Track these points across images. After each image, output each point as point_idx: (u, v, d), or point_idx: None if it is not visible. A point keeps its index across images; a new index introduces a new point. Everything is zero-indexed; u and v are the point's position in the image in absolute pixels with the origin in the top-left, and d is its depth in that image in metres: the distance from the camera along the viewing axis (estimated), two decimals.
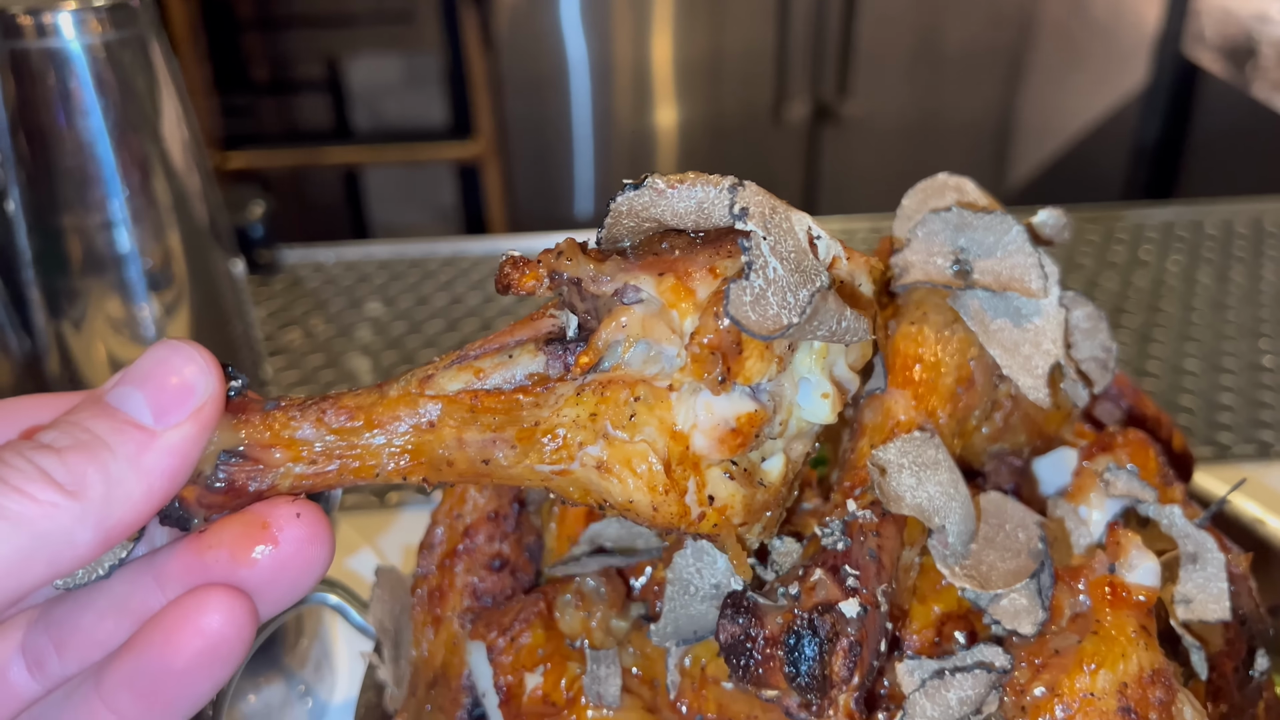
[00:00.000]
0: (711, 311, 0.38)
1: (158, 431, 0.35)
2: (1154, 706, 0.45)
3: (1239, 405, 1.11)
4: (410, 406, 0.39)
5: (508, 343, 0.42)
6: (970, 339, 0.54)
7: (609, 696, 0.53)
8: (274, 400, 0.39)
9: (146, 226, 1.01)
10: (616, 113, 2.97)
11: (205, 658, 0.35)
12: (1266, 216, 1.48)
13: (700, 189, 0.41)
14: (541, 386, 0.40)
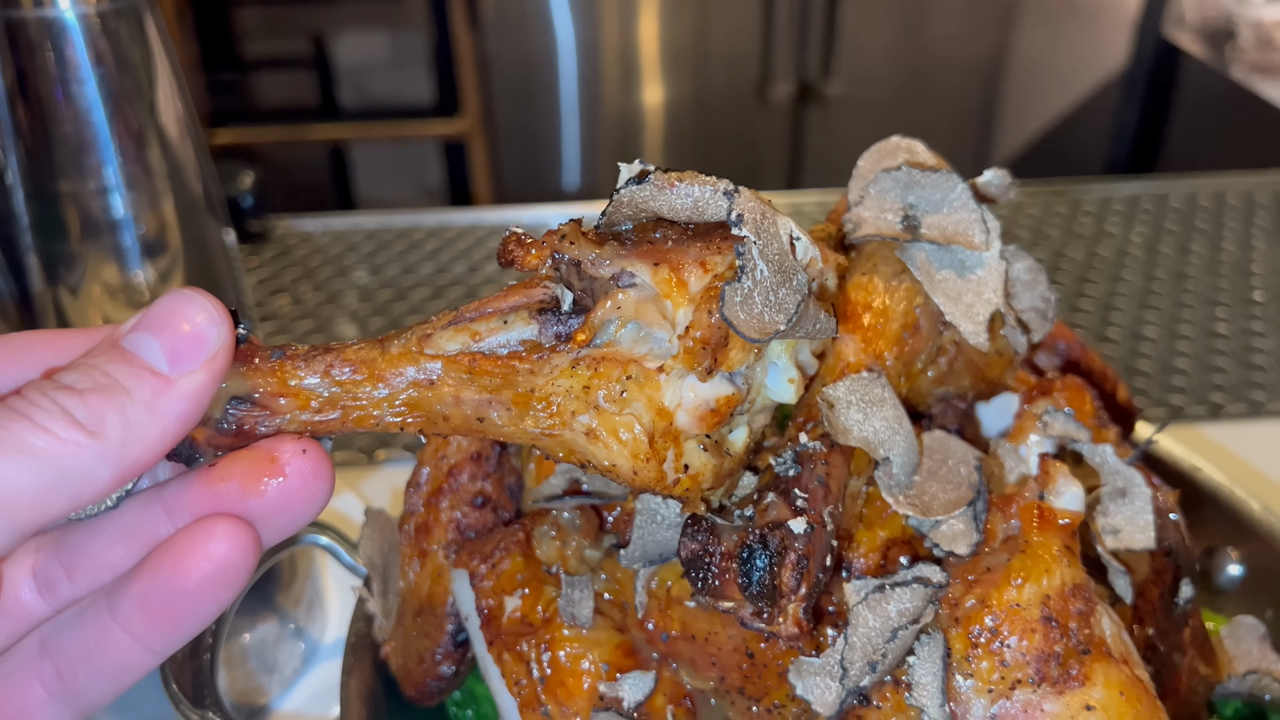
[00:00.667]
0: (705, 309, 0.42)
1: (172, 379, 0.36)
2: (1073, 616, 0.49)
3: (1193, 369, 1.16)
4: (411, 364, 0.42)
5: (502, 307, 0.44)
6: (916, 288, 0.58)
7: (582, 617, 0.58)
8: (279, 349, 0.41)
9: (141, 194, 1.05)
10: (604, 91, 3.00)
11: (213, 581, 0.37)
12: (1230, 191, 1.53)
13: (698, 189, 0.44)
14: (537, 355, 0.43)
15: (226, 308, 0.39)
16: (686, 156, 3.19)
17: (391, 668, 0.66)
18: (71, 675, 0.38)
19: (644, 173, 0.45)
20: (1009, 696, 0.48)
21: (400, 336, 0.43)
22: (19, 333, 0.40)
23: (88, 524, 0.39)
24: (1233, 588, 0.77)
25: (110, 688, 0.39)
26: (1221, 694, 0.68)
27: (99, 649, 0.38)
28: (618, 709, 0.56)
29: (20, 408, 0.33)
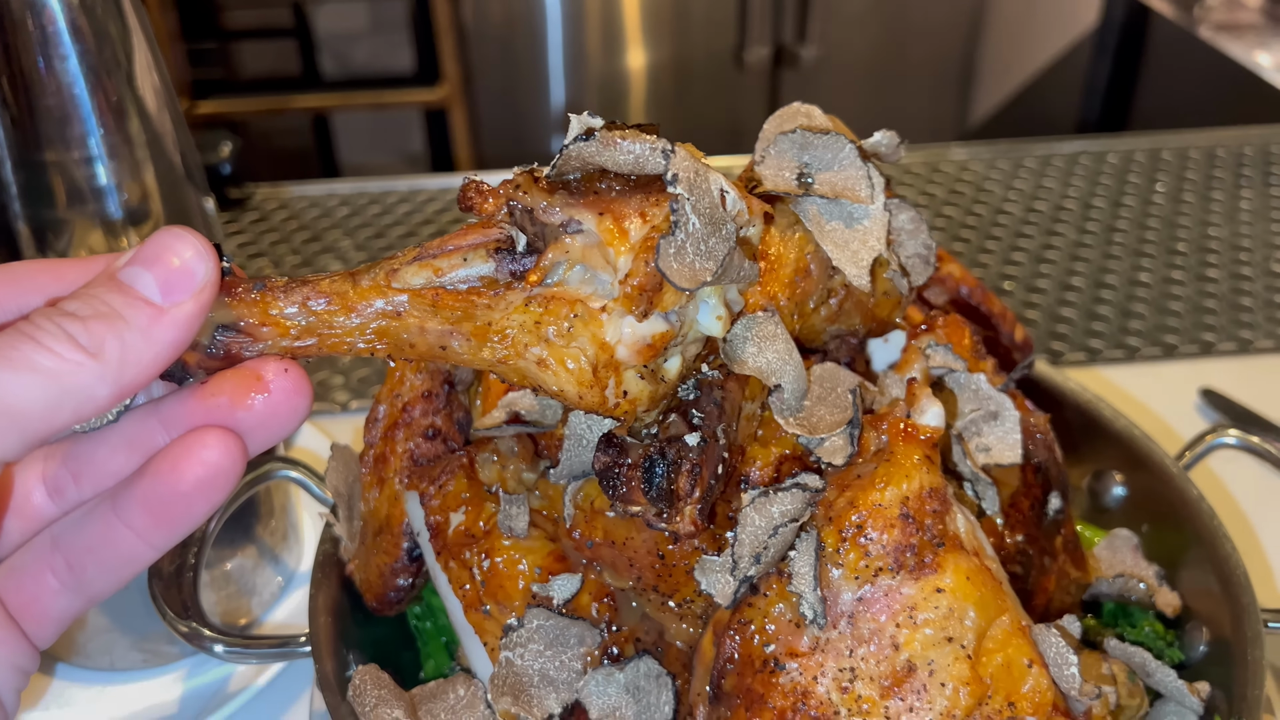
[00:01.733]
0: (643, 258, 0.48)
1: (165, 308, 0.40)
2: (929, 514, 0.58)
3: (1113, 316, 1.24)
4: (380, 296, 0.47)
5: (462, 245, 0.49)
6: (808, 238, 0.66)
7: (518, 529, 0.66)
8: (260, 281, 0.45)
9: (123, 163, 1.12)
10: (588, 56, 3.05)
11: (205, 484, 0.41)
12: (1165, 147, 1.60)
13: (638, 146, 0.50)
14: (493, 291, 0.49)
15: (212, 244, 0.42)
16: (668, 121, 3.24)
17: (356, 582, 0.74)
18: (80, 567, 0.43)
19: (590, 130, 0.51)
20: (872, 582, 0.57)
21: (370, 271, 0.47)
22: (20, 262, 0.44)
23: (92, 435, 0.43)
24: (1117, 506, 0.85)
25: (115, 579, 0.43)
26: (1095, 595, 0.77)
27: (105, 543, 0.42)
28: (548, 606, 0.64)
29: (29, 331, 0.37)
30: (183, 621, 0.70)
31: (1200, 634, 0.74)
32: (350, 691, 0.65)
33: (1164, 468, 0.81)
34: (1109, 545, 0.80)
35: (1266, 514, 0.90)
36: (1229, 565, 0.73)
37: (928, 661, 0.56)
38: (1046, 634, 0.57)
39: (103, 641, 0.80)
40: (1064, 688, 0.56)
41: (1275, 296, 1.26)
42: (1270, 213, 1.43)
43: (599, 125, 0.51)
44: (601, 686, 0.64)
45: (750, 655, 0.59)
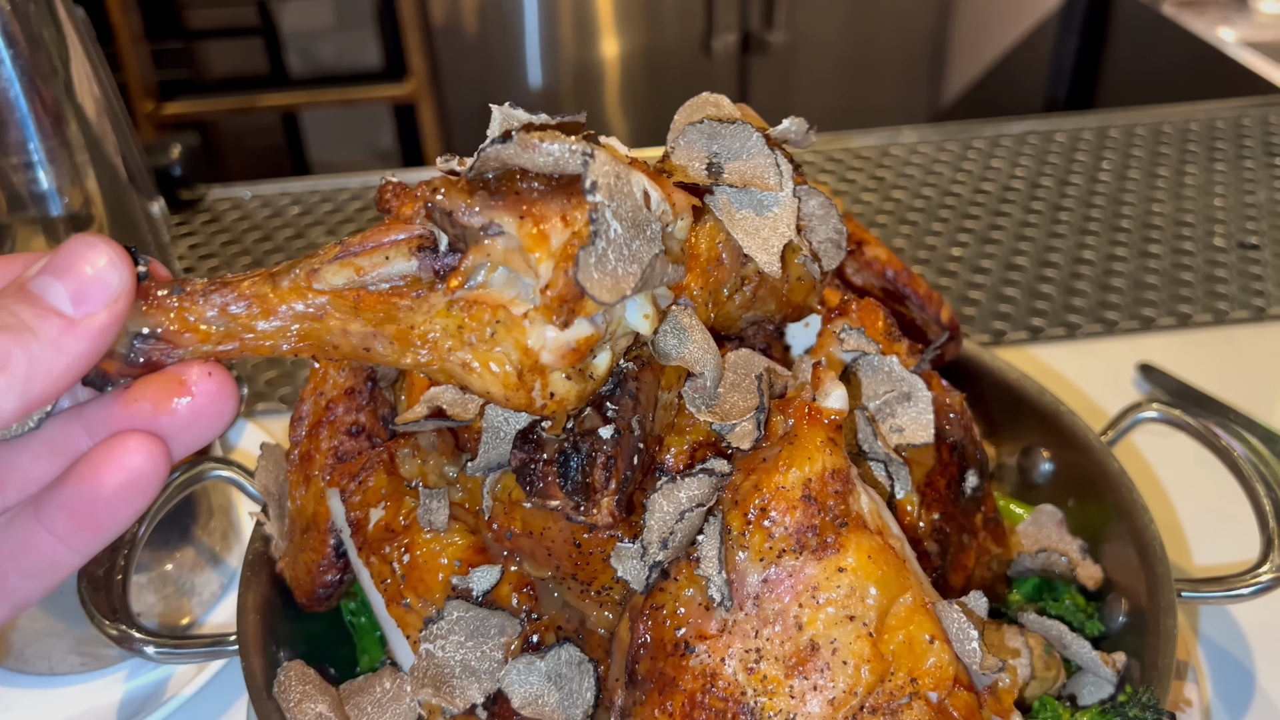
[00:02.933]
0: (563, 268, 0.48)
1: (76, 320, 0.39)
2: (831, 495, 0.59)
3: (1056, 294, 1.25)
4: (300, 299, 0.47)
5: (383, 242, 0.49)
6: (719, 227, 0.67)
7: (438, 523, 0.67)
8: (178, 284, 0.44)
9: (63, 168, 1.12)
10: (561, 46, 3.05)
11: (128, 488, 0.41)
12: (1112, 124, 1.61)
13: (558, 147, 0.49)
14: (415, 292, 0.49)
15: (126, 249, 0.42)
16: (641, 110, 3.24)
17: (286, 580, 0.75)
18: (3, 574, 0.42)
19: (507, 133, 0.50)
20: (776, 563, 0.58)
21: (290, 270, 0.46)
22: None
23: (13, 442, 0.43)
24: (1045, 482, 0.86)
25: (39, 585, 0.43)
26: (1019, 571, 0.78)
27: (28, 549, 0.42)
28: (467, 597, 0.65)
29: None
30: (112, 624, 0.70)
31: (1120, 605, 0.75)
32: (275, 688, 0.66)
33: (1088, 443, 0.82)
34: (1034, 521, 0.81)
35: (1187, 486, 0.91)
36: (1146, 537, 0.74)
37: (830, 640, 0.57)
38: (949, 610, 0.58)
39: (40, 646, 0.80)
40: (966, 662, 0.58)
41: (1215, 271, 1.27)
42: (1213, 187, 1.44)
43: (519, 124, 0.50)
44: (523, 675, 0.65)
45: (662, 639, 0.60)
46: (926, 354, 0.72)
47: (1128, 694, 0.66)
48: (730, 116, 0.69)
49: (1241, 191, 1.43)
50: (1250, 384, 1.04)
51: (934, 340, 0.78)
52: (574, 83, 3.13)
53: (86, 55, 1.15)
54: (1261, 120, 1.60)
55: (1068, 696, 0.68)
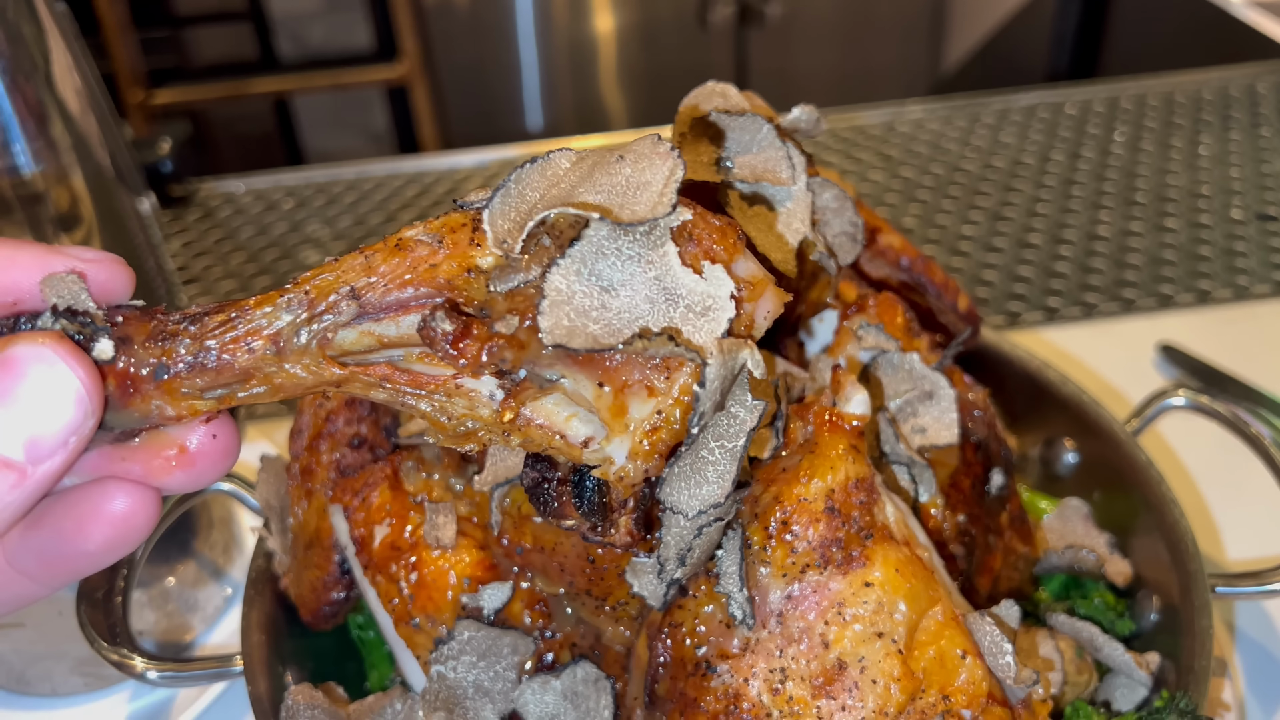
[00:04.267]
0: (642, 465, 0.45)
1: (26, 470, 0.35)
2: (855, 506, 0.56)
3: (1071, 272, 1.22)
4: (314, 376, 0.42)
5: (407, 304, 0.42)
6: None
7: (445, 539, 0.64)
8: (161, 364, 0.39)
9: (49, 168, 1.09)
10: (554, 21, 3.00)
11: (113, 542, 0.38)
12: (1123, 94, 1.57)
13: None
14: (455, 381, 0.43)
15: (91, 321, 0.37)
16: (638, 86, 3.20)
17: (290, 597, 0.72)
18: None
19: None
20: (800, 579, 0.55)
21: (296, 333, 0.41)
22: None
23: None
24: (1069, 474, 0.84)
25: (2, 610, 0.40)
26: (1046, 569, 0.76)
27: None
28: (478, 616, 0.63)
29: None
30: (112, 648, 0.68)
31: (1151, 602, 0.73)
32: (282, 713, 0.64)
33: (1113, 433, 0.80)
34: (1059, 516, 0.79)
35: (1217, 475, 0.89)
36: (1177, 532, 0.71)
37: (858, 659, 0.54)
38: (981, 623, 0.56)
39: (42, 667, 0.78)
40: (1000, 676, 0.55)
41: (1234, 245, 1.24)
42: (1229, 157, 1.41)
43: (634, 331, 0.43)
44: (538, 695, 0.62)
45: (682, 658, 0.57)
46: (949, 350, 0.69)
47: (1164, 699, 0.64)
48: (738, 107, 0.66)
49: (1258, 161, 1.39)
50: (1274, 362, 1.01)
51: (957, 335, 0.75)
52: (569, 59, 3.08)
53: (69, 50, 1.12)
54: (1276, 86, 1.56)
55: (1101, 702, 0.66)
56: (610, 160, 0.44)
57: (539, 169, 0.44)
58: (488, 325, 0.43)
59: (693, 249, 0.43)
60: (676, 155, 0.44)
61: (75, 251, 0.39)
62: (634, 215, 0.42)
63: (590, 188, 0.43)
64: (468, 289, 0.43)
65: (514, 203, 0.44)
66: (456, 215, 0.44)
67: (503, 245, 0.43)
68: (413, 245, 0.43)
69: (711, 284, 0.42)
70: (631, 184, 0.43)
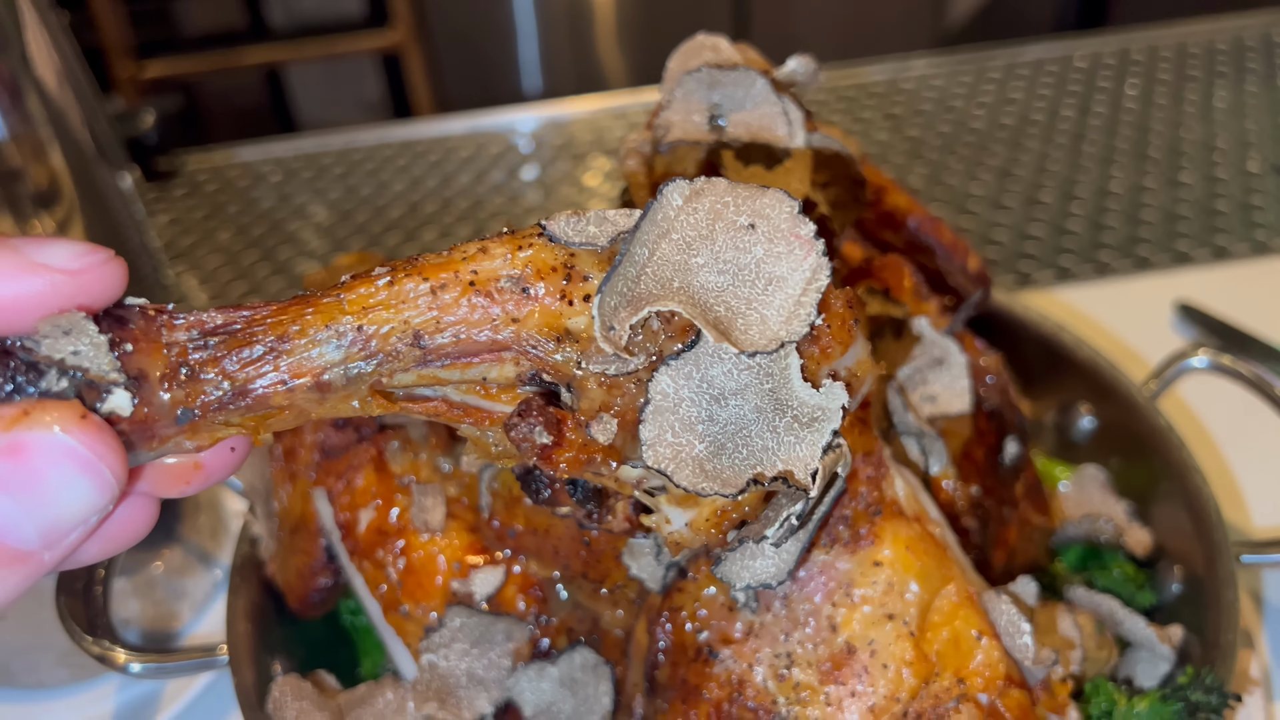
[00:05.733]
0: (701, 542, 0.43)
1: (44, 559, 0.32)
2: (863, 480, 0.53)
3: (1083, 230, 1.18)
4: (359, 410, 0.38)
5: (480, 347, 0.38)
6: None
7: (434, 522, 0.61)
8: (186, 411, 0.36)
9: (25, 145, 1.05)
10: None
11: (106, 550, 0.37)
12: (1134, 45, 1.52)
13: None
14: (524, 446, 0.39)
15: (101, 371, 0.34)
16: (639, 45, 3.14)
17: (277, 584, 0.70)
18: None
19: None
20: (806, 559, 0.52)
21: (345, 374, 0.37)
22: None
23: None
24: (1086, 440, 0.81)
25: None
26: (1062, 540, 0.73)
27: None
28: (469, 603, 0.60)
29: None
30: (94, 641, 0.65)
31: (1173, 573, 0.70)
32: (269, 705, 0.61)
33: (1130, 397, 0.76)
34: (1076, 484, 0.76)
35: (1242, 439, 0.86)
36: (1199, 499, 0.68)
37: (868, 642, 0.51)
38: (996, 601, 0.53)
39: (26, 659, 0.76)
40: (1017, 657, 0.52)
41: (1251, 199, 1.20)
42: (1244, 109, 1.36)
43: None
44: (534, 683, 0.60)
45: (683, 643, 0.55)
46: (960, 313, 0.66)
47: (1189, 675, 0.61)
48: (730, 61, 0.63)
49: (1275, 113, 1.35)
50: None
51: (967, 298, 0.72)
52: (568, 20, 3.02)
53: (43, 23, 1.08)
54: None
55: (1123, 679, 0.63)
56: (738, 225, 0.39)
57: (649, 219, 0.38)
58: (581, 427, 0.39)
59: (813, 351, 0.40)
60: (820, 249, 0.39)
61: (57, 255, 0.34)
62: (764, 338, 0.38)
63: (713, 260, 0.38)
64: (555, 357, 0.39)
65: (626, 280, 0.38)
66: (546, 252, 0.39)
67: (608, 333, 0.38)
68: (492, 288, 0.38)
69: (826, 397, 0.39)
70: (763, 274, 0.38)
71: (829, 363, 0.41)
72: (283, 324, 0.37)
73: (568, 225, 0.40)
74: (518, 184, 1.33)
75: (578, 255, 0.39)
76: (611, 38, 3.11)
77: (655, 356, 0.39)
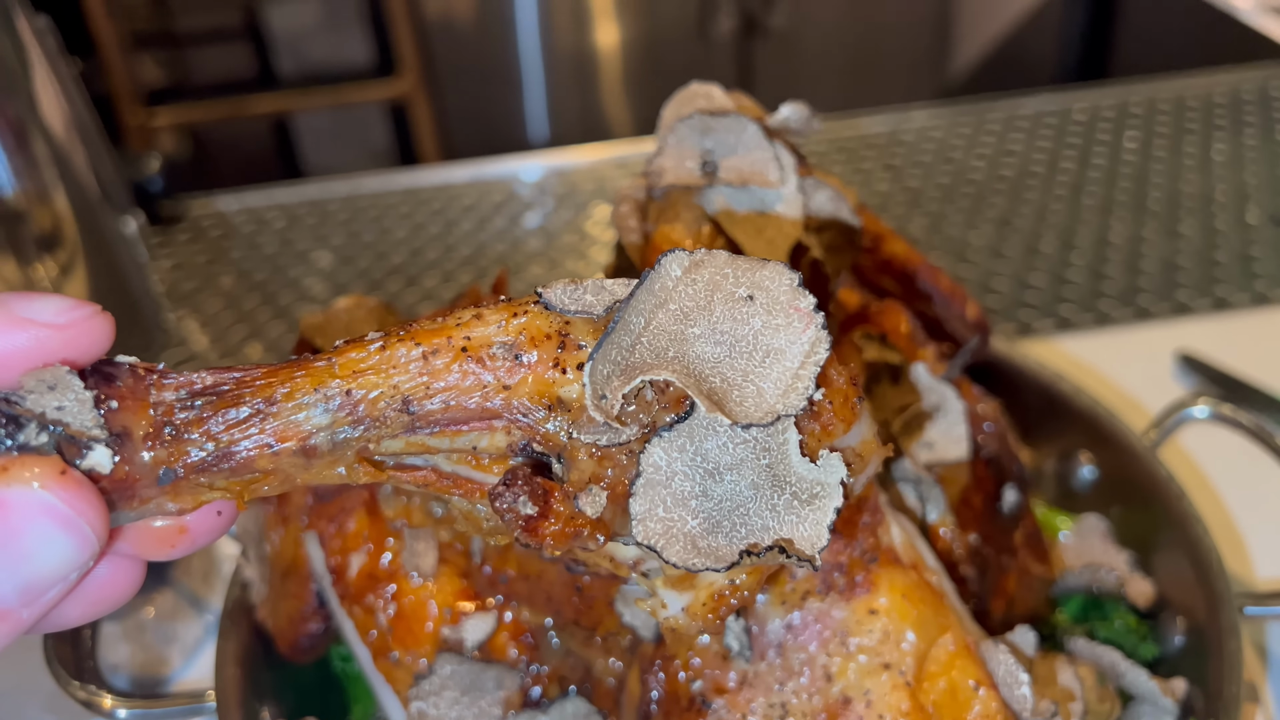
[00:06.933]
0: (697, 629, 0.43)
1: (21, 616, 0.32)
2: (859, 528, 0.52)
3: (1083, 279, 1.18)
4: (345, 478, 0.38)
5: (470, 415, 0.38)
6: (714, 232, 0.60)
7: (425, 567, 0.61)
8: (169, 468, 0.35)
9: (30, 188, 1.06)
10: (557, 36, 2.99)
11: (89, 615, 0.36)
12: (1132, 98, 1.54)
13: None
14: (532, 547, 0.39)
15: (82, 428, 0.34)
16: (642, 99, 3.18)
17: (267, 629, 0.69)
18: None
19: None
20: (800, 607, 0.52)
21: (332, 440, 0.37)
22: None
23: None
24: (1086, 489, 0.80)
25: None
26: (1063, 590, 0.72)
27: None
28: (460, 649, 0.59)
29: None
30: (80, 685, 0.65)
31: (1176, 624, 0.69)
32: None
33: (1131, 446, 0.76)
34: (1077, 533, 0.75)
35: (1244, 489, 0.85)
36: (1201, 549, 0.68)
37: (864, 692, 0.51)
38: (995, 651, 0.52)
39: (13, 704, 0.75)
40: (1016, 709, 0.51)
41: (1250, 249, 1.21)
42: (1243, 161, 1.37)
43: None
44: None
45: (676, 693, 0.54)
46: (957, 359, 0.66)
47: None
48: (723, 108, 0.63)
49: (1273, 165, 1.36)
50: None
51: (966, 343, 0.72)
52: (573, 73, 3.06)
53: (52, 67, 1.09)
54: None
55: None
56: (736, 295, 0.38)
57: (646, 288, 0.38)
58: (569, 498, 0.38)
59: (813, 427, 0.39)
60: (820, 323, 0.38)
61: (43, 310, 0.34)
62: (760, 410, 0.37)
63: (710, 330, 0.38)
64: (546, 426, 0.38)
65: (619, 349, 0.37)
66: (541, 319, 0.39)
67: (599, 402, 0.37)
68: (484, 354, 0.38)
69: (824, 471, 0.38)
70: (760, 346, 0.38)
71: (830, 440, 0.40)
72: (271, 386, 0.37)
73: (564, 293, 0.39)
74: (520, 231, 1.34)
75: (573, 323, 0.39)
76: (618, 89, 3.15)
77: (648, 428, 0.38)
